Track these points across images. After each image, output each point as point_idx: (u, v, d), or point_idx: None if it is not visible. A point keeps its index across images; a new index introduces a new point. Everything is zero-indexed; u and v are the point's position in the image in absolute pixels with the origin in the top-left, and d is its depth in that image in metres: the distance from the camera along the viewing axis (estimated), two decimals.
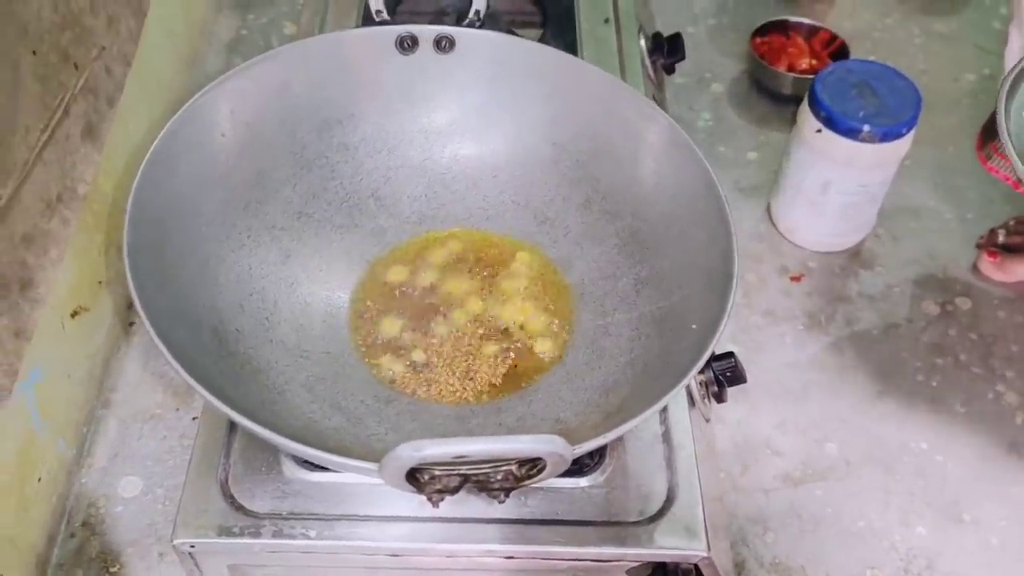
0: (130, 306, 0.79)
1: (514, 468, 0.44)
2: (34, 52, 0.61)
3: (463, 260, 0.65)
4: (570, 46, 0.80)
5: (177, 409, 0.74)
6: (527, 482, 0.44)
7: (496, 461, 0.44)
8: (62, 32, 0.64)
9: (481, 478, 0.44)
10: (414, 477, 0.43)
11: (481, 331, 0.62)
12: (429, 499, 0.44)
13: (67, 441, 0.69)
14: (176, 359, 0.46)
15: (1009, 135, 0.64)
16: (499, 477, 0.44)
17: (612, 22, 0.84)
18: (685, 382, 0.48)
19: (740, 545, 0.69)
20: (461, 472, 0.44)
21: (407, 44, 0.64)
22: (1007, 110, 0.65)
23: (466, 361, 0.60)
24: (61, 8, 0.64)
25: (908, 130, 0.76)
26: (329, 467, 0.51)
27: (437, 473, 0.43)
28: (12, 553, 0.60)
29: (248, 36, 1.01)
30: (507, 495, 0.45)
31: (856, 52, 0.98)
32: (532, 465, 0.44)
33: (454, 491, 0.44)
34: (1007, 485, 0.72)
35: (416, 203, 0.66)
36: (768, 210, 0.88)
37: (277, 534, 0.53)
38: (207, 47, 0.96)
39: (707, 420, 0.65)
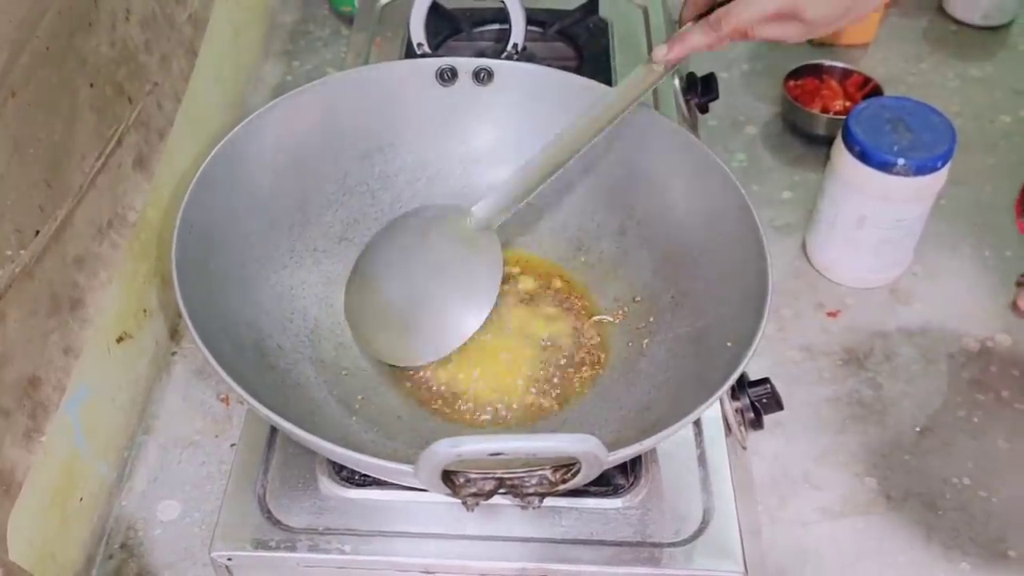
0: (172, 336, 0.81)
1: (548, 473, 0.44)
2: (91, 84, 0.64)
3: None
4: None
5: (216, 436, 0.75)
6: (561, 487, 0.45)
7: (531, 466, 0.44)
8: (118, 67, 0.67)
9: (516, 482, 0.44)
10: (449, 479, 0.44)
11: (514, 355, 0.62)
12: (464, 503, 0.44)
13: (108, 463, 0.70)
14: (222, 368, 0.48)
15: None
16: (533, 482, 0.44)
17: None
18: (721, 391, 0.48)
19: None
20: (496, 476, 0.44)
21: (447, 76, 0.67)
22: None
23: (500, 384, 0.61)
24: (118, 45, 0.67)
25: (943, 164, 0.77)
26: (366, 471, 0.52)
27: (472, 476, 0.44)
28: (52, 568, 0.61)
29: (293, 82, 1.04)
30: (541, 501, 0.45)
31: (890, 95, 0.98)
32: (567, 470, 0.44)
33: (488, 495, 0.44)
34: None
35: None
36: (804, 248, 0.88)
37: (313, 548, 0.54)
38: (253, 91, 1.00)
39: (743, 448, 0.65)
